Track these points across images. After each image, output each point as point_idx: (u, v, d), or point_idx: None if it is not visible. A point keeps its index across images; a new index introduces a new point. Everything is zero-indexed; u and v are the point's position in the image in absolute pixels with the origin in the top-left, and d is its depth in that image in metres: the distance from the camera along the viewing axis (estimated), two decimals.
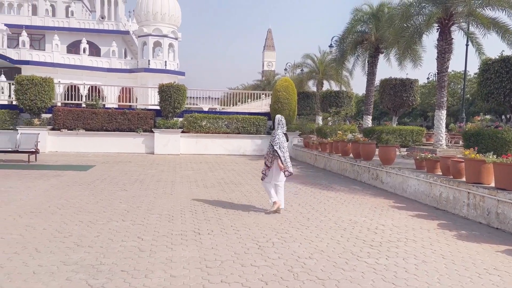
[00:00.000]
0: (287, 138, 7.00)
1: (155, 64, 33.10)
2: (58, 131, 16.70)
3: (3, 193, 7.97)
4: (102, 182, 9.67)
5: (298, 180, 10.81)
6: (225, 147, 17.79)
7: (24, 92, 16.19)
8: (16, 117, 16.86)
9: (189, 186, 9.49)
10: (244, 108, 23.06)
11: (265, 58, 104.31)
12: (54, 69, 30.22)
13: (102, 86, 26.91)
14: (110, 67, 33.26)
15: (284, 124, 7.06)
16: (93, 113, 17.05)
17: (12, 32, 32.71)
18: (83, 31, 34.97)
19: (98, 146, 16.93)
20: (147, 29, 32.79)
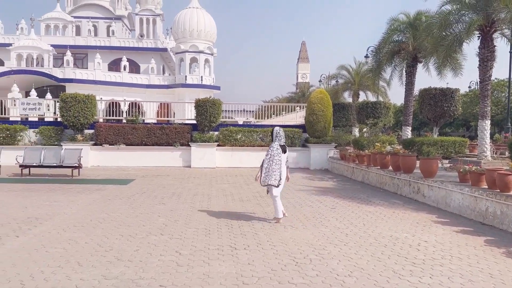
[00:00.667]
0: (285, 149, 7.13)
1: (191, 79, 33.89)
2: (100, 146, 17.35)
3: (48, 207, 8.34)
4: (141, 195, 9.91)
5: (335, 194, 10.61)
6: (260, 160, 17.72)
7: (68, 109, 16.98)
8: (61, 133, 17.68)
9: (225, 199, 9.54)
10: (278, 120, 23.06)
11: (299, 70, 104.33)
12: (96, 86, 31.58)
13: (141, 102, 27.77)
14: (149, 84, 34.38)
15: (282, 136, 7.19)
16: (133, 128, 17.61)
17: (57, 52, 34.59)
18: (123, 50, 36.46)
19: (137, 160, 17.41)
20: (184, 46, 33.71)
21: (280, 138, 7.14)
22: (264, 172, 6.97)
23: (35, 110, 18.87)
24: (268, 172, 6.92)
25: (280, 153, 6.97)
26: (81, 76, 32.65)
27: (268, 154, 6.99)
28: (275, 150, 6.96)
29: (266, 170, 6.93)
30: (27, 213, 7.62)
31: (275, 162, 6.93)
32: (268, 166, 6.93)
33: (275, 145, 7.01)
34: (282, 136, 7.19)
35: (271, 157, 6.94)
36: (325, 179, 13.90)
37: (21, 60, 32.81)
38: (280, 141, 7.11)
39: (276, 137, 7.15)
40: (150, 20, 39.11)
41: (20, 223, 6.85)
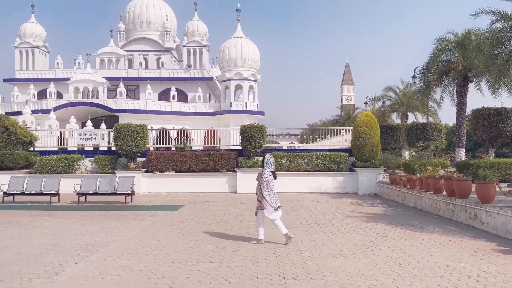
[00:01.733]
0: (275, 176, 7.59)
1: (236, 106, 34.67)
2: (151, 173, 18.02)
3: (103, 234, 8.74)
4: (190, 222, 10.14)
5: (386, 221, 10.26)
6: (305, 185, 17.67)
7: (122, 139, 17.88)
8: (115, 161, 18.59)
9: (271, 226, 9.52)
10: (323, 144, 22.86)
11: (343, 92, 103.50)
12: (147, 116, 33.16)
13: (189, 130, 28.76)
14: (196, 111, 35.57)
15: (272, 163, 7.65)
16: (182, 155, 18.17)
17: (111, 84, 36.81)
18: (172, 80, 38.14)
19: (186, 186, 17.87)
20: (229, 74, 34.73)
21: (270, 165, 7.59)
22: (271, 197, 7.40)
23: (91, 140, 20.05)
24: (275, 196, 7.44)
25: (272, 179, 7.46)
26: (133, 106, 34.44)
27: (264, 181, 7.39)
28: (269, 176, 7.44)
29: (273, 195, 7.41)
30: (85, 240, 8.03)
31: (273, 188, 7.44)
32: (270, 192, 7.39)
33: (267, 172, 7.48)
34: (272, 163, 7.65)
35: (267, 183, 7.37)
36: (374, 205, 13.51)
37: (78, 92, 35.23)
38: (271, 168, 7.57)
39: (267, 164, 7.59)
40: (197, 51, 40.81)
41: (78, 249, 7.23)
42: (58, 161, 17.84)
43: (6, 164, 17.40)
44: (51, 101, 34.08)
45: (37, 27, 41.17)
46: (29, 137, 18.81)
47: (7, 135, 18.02)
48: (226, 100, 35.94)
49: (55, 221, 10.41)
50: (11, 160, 17.43)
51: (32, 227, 9.58)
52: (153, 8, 43.41)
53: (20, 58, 40.24)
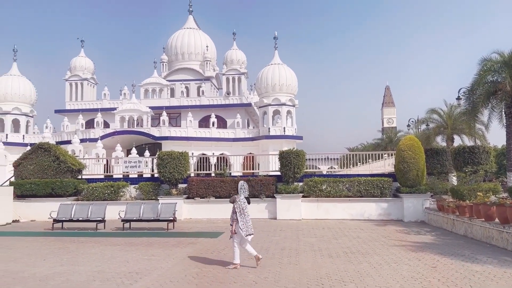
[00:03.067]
0: (249, 201, 7.99)
1: (274, 131, 34.82)
2: (192, 200, 18.25)
3: (147, 261, 8.87)
4: (230, 250, 10.06)
5: (435, 250, 9.73)
6: (347, 212, 17.20)
7: (164, 165, 18.35)
8: (158, 188, 19.02)
9: (313, 255, 9.29)
10: (365, 169, 22.31)
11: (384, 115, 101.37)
12: (188, 142, 33.93)
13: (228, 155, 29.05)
14: (235, 137, 36.03)
15: (246, 189, 8.06)
16: (222, 181, 18.33)
17: (154, 113, 38.23)
18: (212, 107, 39.08)
19: (226, 212, 17.57)
20: (267, 100, 35.11)
21: (244, 191, 8.01)
22: (244, 223, 7.71)
23: (135, 167, 20.71)
24: (247, 223, 7.74)
25: (247, 206, 7.84)
26: (175, 133, 35.43)
27: (239, 207, 7.75)
28: (243, 203, 7.82)
29: (245, 221, 7.71)
30: (129, 267, 8.18)
31: (247, 213, 7.78)
32: (243, 218, 7.72)
33: (242, 198, 7.85)
34: (246, 189, 8.09)
35: (242, 210, 7.74)
36: (422, 233, 12.88)
37: (123, 121, 36.82)
38: (244, 193, 7.98)
39: (241, 189, 8.00)
40: (236, 78, 41.78)
41: (123, 277, 7.36)
42: (104, 188, 18.52)
43: (56, 191, 18.28)
44: (98, 130, 35.76)
45: (86, 61, 43.85)
46: (78, 165, 19.71)
47: (57, 163, 18.98)
48: (264, 126, 36.21)
49: (101, 248, 10.71)
50: (61, 188, 18.30)
51: (79, 254, 9.90)
52: (194, 40, 45.13)
53: (70, 90, 42.82)
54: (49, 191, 18.25)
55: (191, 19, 47.47)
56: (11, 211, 17.36)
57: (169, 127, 36.08)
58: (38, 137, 36.23)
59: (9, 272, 7.85)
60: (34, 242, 11.97)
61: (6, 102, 37.34)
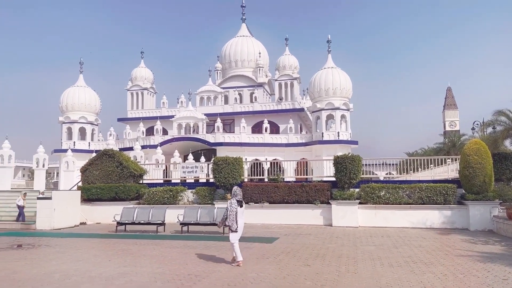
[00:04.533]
0: (242, 204, 9.16)
1: (328, 136, 34.28)
2: (246, 205, 18.35)
3: (204, 264, 9.04)
4: (286, 255, 10.02)
5: (506, 262, 9.00)
6: (407, 220, 16.44)
7: (219, 171, 18.71)
8: (213, 192, 19.40)
9: (372, 264, 8.97)
10: (426, 175, 21.26)
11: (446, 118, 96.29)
12: (242, 148, 34.33)
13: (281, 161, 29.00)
14: (288, 142, 35.90)
15: (238, 194, 9.17)
16: (275, 186, 18.31)
17: (209, 119, 39.13)
18: (264, 113, 39.29)
19: (280, 217, 17.86)
20: (320, 104, 34.70)
21: (236, 195, 9.15)
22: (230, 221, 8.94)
23: (192, 172, 21.31)
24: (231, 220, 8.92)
25: (237, 207, 8.98)
26: (229, 139, 36.04)
27: (228, 208, 9.02)
28: (233, 205, 8.98)
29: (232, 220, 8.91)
30: (188, 270, 8.38)
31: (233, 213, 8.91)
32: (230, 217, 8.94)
33: (234, 201, 9.03)
34: (238, 194, 9.20)
35: (230, 210, 8.94)
36: (490, 243, 11.98)
37: (181, 128, 38.12)
38: (237, 197, 9.12)
39: (234, 194, 9.18)
40: (288, 83, 41.75)
41: (183, 279, 7.56)
42: (163, 193, 19.25)
43: (119, 195, 19.27)
44: (158, 137, 37.27)
45: (145, 71, 46.02)
46: (139, 170, 20.66)
47: (120, 169, 20.03)
48: (317, 131, 35.77)
49: (161, 250, 11.10)
50: (124, 192, 19.26)
51: (141, 255, 10.32)
52: (247, 47, 45.80)
53: (131, 99, 45.13)
54: (113, 195, 19.29)
55: (244, 27, 48.26)
56: (79, 214, 18.55)
57: (223, 133, 36.76)
58: (103, 144, 38.49)
59: (78, 271, 8.36)
60: (100, 244, 12.67)
61: (74, 111, 40.02)
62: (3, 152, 24.61)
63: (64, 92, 40.72)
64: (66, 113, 40.18)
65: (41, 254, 10.60)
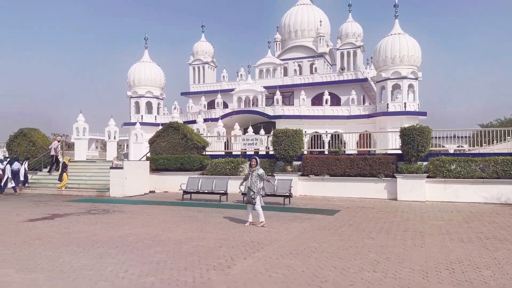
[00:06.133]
0: None
1: (393, 107, 32.89)
2: (307, 177, 18.42)
3: (266, 232, 9.28)
4: (348, 227, 9.96)
5: None
6: (480, 194, 15.51)
7: (279, 143, 18.80)
8: (273, 164, 19.61)
9: (441, 238, 8.64)
10: (502, 147, 19.75)
11: None
12: (301, 121, 34.05)
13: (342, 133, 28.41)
14: (350, 114, 35.00)
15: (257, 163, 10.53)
16: (336, 159, 18.07)
17: (268, 92, 39.10)
18: (325, 84, 38.44)
19: (341, 190, 17.70)
20: (385, 74, 33.17)
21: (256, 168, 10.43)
22: None
23: (252, 145, 21.70)
24: None
25: None
26: (288, 112, 35.91)
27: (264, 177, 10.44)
28: None
29: None
30: (251, 237, 8.67)
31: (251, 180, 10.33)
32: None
33: None
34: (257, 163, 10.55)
35: None
36: None
37: (240, 101, 38.58)
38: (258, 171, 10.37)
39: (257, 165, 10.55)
40: (351, 52, 40.21)
41: (246, 246, 7.84)
42: (225, 164, 19.83)
43: (185, 166, 20.16)
44: (219, 110, 38.16)
45: (206, 45, 46.74)
46: (202, 142, 21.39)
47: (185, 141, 20.88)
48: (382, 102, 34.41)
49: (224, 217, 11.55)
50: (189, 163, 20.11)
51: (206, 222, 10.83)
52: (307, 16, 44.62)
53: (193, 74, 46.33)
54: (178, 165, 20.23)
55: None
56: (148, 183, 19.77)
57: (282, 106, 36.67)
58: (168, 117, 40.15)
59: (149, 235, 8.97)
60: (168, 211, 13.45)
61: (141, 86, 42.03)
62: (78, 125, 26.62)
63: (131, 67, 42.72)
64: (133, 88, 42.29)
65: (115, 219, 11.49)
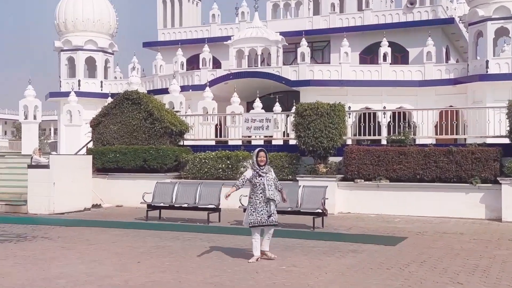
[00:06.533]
0: None
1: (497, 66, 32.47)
2: (351, 182, 18.40)
3: (284, 272, 9.32)
4: (420, 266, 9.96)
5: None
6: None
7: (306, 126, 18.68)
8: (296, 162, 19.55)
9: None
10: None
11: None
12: (342, 90, 33.83)
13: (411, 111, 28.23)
14: (423, 79, 34.66)
15: None
16: (401, 153, 17.99)
17: (288, 42, 38.62)
18: (382, 29, 37.74)
19: (408, 205, 17.64)
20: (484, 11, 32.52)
21: None
22: None
23: (261, 129, 21.59)
24: None
25: None
26: (321, 75, 35.48)
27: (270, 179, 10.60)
28: None
29: None
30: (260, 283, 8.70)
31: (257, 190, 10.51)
32: None
33: None
34: None
35: None
36: None
37: (241, 58, 38.33)
38: None
39: None
40: None
41: None
42: (217, 161, 19.86)
43: (149, 164, 20.22)
44: (205, 72, 37.80)
45: None
46: (179, 125, 21.37)
47: (150, 123, 20.87)
48: (477, 58, 34.10)
49: (216, 250, 11.59)
50: (157, 159, 20.21)
51: (186, 256, 10.90)
52: None
53: (163, 12, 45.75)
54: (140, 163, 20.34)
55: None
56: (90, 192, 19.91)
57: (311, 65, 36.37)
58: (122, 83, 40.04)
59: (94, 277, 9.04)
60: (124, 237, 13.53)
61: (77, 32, 41.72)
62: None
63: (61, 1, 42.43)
64: (65, 35, 42.14)
65: (38, 251, 11.58)
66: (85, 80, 42.16)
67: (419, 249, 11.74)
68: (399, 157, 18.04)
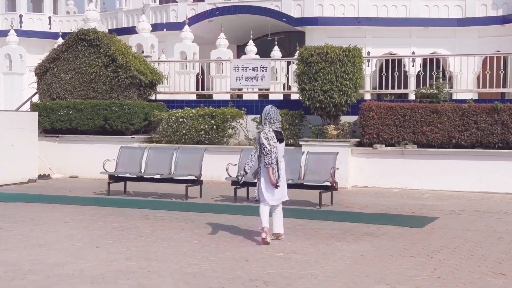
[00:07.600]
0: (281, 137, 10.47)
1: None
2: (369, 148, 18.42)
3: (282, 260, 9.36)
4: (453, 253, 10.04)
5: None
6: None
7: (312, 77, 18.64)
8: (299, 121, 19.57)
9: None
10: None
11: None
12: (360, 30, 33.67)
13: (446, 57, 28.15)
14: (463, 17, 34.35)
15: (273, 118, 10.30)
16: (432, 111, 18.01)
17: None
18: None
19: (440, 177, 17.71)
20: None
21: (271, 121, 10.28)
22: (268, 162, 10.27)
23: (255, 79, 21.48)
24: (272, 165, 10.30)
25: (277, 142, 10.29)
26: (332, 11, 35.18)
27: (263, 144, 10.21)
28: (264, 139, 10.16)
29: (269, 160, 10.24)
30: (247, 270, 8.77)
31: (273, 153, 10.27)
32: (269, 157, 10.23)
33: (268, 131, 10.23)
34: (275, 118, 10.31)
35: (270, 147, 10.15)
36: None
37: None
38: (272, 125, 10.30)
39: (266, 119, 10.32)
40: None
41: None
42: (198, 120, 19.83)
43: (112, 123, 20.18)
44: (184, 6, 37.55)
45: None
46: (150, 74, 21.25)
47: (112, 70, 20.73)
48: None
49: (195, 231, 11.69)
50: (121, 117, 20.14)
51: (158, 240, 10.93)
52: None
53: None
54: (99, 122, 20.32)
55: None
56: (35, 159, 19.84)
57: None
58: (76, 20, 39.71)
59: (40, 265, 9.01)
60: (78, 215, 13.56)
61: None
62: None
63: None
64: None
65: None
66: (28, 15, 41.56)
67: (453, 232, 11.82)
68: (430, 116, 18.05)
